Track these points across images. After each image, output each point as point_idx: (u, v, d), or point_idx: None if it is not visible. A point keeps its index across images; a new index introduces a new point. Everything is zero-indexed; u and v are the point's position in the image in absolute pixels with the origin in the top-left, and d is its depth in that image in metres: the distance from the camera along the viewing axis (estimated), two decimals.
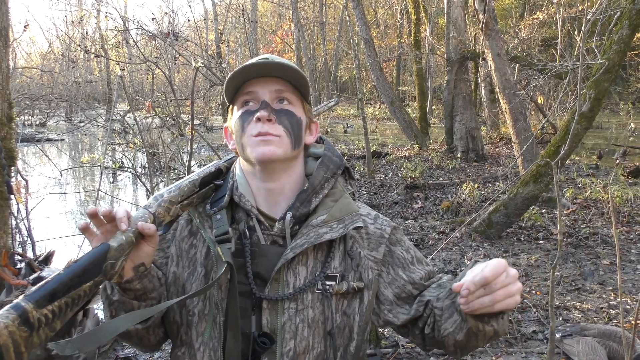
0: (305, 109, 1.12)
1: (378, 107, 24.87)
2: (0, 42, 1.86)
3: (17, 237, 3.84)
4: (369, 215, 1.17)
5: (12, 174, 2.05)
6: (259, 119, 1.03)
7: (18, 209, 3.87)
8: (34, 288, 0.80)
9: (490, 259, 0.90)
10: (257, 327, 1.04)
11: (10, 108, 2.04)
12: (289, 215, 1.07)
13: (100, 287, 1.00)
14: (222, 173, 1.18)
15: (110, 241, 0.91)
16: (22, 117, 17.20)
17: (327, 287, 1.06)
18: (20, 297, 0.78)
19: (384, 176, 9.24)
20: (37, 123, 18.89)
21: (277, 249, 1.07)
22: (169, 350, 1.18)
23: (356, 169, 9.65)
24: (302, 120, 1.10)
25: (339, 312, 1.07)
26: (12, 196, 1.98)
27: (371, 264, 1.12)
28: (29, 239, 3.96)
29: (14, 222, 3.42)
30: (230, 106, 1.13)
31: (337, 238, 1.08)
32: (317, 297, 1.05)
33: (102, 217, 0.93)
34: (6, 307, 0.76)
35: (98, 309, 3.19)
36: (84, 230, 0.92)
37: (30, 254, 3.65)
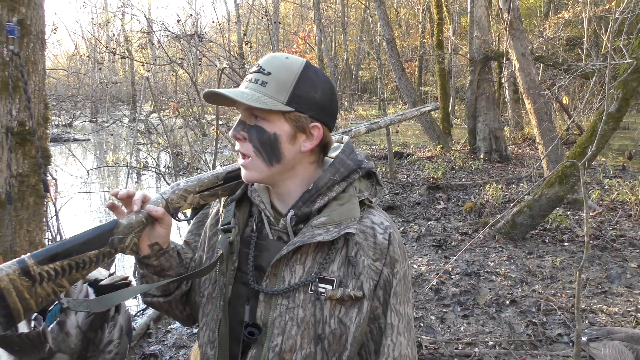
0: (287, 119, 1.07)
1: (400, 107, 24.75)
2: (37, 45, 1.93)
3: (48, 234, 3.95)
4: (381, 224, 1.14)
5: (48, 173, 2.12)
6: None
7: (48, 207, 3.97)
8: (40, 249, 0.94)
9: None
10: (251, 317, 1.07)
11: (46, 109, 2.12)
12: (290, 213, 1.09)
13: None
14: None
15: (122, 219, 1.04)
16: (50, 117, 17.55)
17: (321, 290, 1.05)
18: (27, 254, 0.93)
19: (406, 177, 9.21)
20: (63, 123, 19.26)
21: (281, 245, 1.10)
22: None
23: (378, 169, 9.63)
24: (277, 135, 1.06)
25: (334, 318, 1.05)
26: (47, 194, 2.05)
27: (372, 274, 1.09)
28: (58, 236, 4.07)
29: (44, 220, 3.52)
30: None
31: (338, 242, 1.09)
32: (309, 298, 1.05)
33: (122, 198, 1.06)
34: (12, 261, 0.91)
35: (129, 306, 3.26)
36: (112, 208, 1.06)
37: None
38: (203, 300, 1.16)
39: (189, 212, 1.23)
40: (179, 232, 5.64)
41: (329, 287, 1.06)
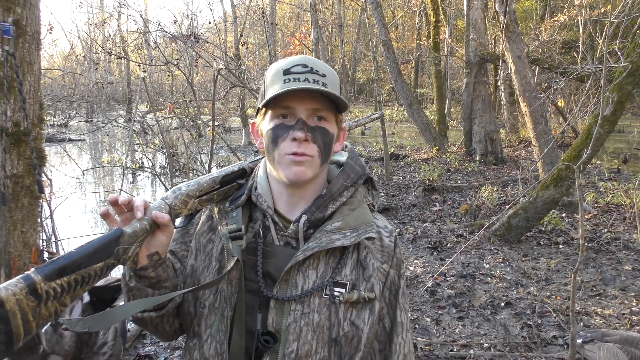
0: (337, 121, 1.12)
1: (396, 109, 24.82)
2: (33, 45, 1.92)
3: (42, 235, 3.93)
4: (386, 228, 1.18)
5: (43, 174, 2.12)
6: (294, 139, 1.03)
7: (42, 208, 3.96)
8: (45, 263, 0.85)
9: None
10: (263, 325, 1.05)
11: (41, 109, 2.11)
12: (303, 218, 1.08)
13: (122, 274, 1.08)
14: (247, 173, 1.21)
15: (125, 227, 0.95)
16: (45, 117, 17.53)
17: (336, 294, 1.06)
18: (32, 269, 0.83)
19: (402, 178, 9.22)
20: (59, 123, 19.20)
21: (290, 251, 1.08)
22: None
23: (374, 171, 9.64)
24: (334, 135, 1.10)
25: (347, 321, 1.06)
26: (42, 195, 2.04)
27: (380, 276, 1.12)
28: (53, 236, 4.05)
29: (39, 221, 3.50)
30: (263, 108, 1.11)
31: (350, 246, 1.09)
32: (324, 302, 1.05)
33: (121, 205, 0.98)
34: (16, 278, 0.81)
35: None
36: (105, 216, 0.98)
37: (54, 252, 3.73)
38: (204, 312, 1.11)
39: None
40: None
41: (343, 290, 1.07)
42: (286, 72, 1.05)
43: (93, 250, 0.90)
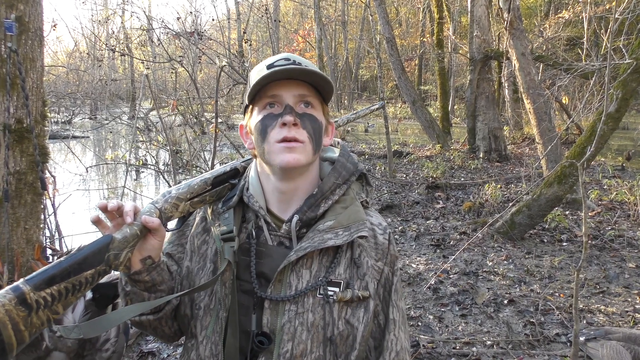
0: (324, 112, 1.12)
1: (399, 106, 24.79)
2: (35, 42, 1.93)
3: (45, 231, 3.94)
4: (380, 225, 1.17)
5: (46, 171, 2.12)
6: (284, 124, 1.03)
7: (45, 204, 3.97)
8: (34, 272, 0.85)
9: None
10: (257, 326, 1.05)
11: (44, 106, 2.12)
12: (295, 218, 1.08)
13: (118, 279, 1.09)
14: (239, 173, 1.20)
15: (115, 233, 0.96)
16: (49, 114, 17.56)
17: (330, 293, 1.06)
18: (21, 280, 0.84)
19: (405, 176, 9.21)
20: (62, 120, 19.24)
21: (283, 251, 1.08)
22: None
23: (377, 168, 9.64)
24: (322, 124, 1.10)
25: (342, 320, 1.06)
26: (45, 192, 2.05)
27: (375, 274, 1.12)
28: (56, 233, 4.06)
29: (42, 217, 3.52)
30: (250, 106, 1.12)
31: (344, 245, 1.08)
32: (318, 301, 1.05)
33: (111, 211, 0.98)
34: (5, 289, 0.82)
35: None
36: (96, 223, 0.98)
37: (57, 249, 3.75)
38: (200, 313, 1.11)
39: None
40: None
41: (337, 289, 1.06)
42: (269, 66, 1.06)
43: (82, 258, 0.90)
